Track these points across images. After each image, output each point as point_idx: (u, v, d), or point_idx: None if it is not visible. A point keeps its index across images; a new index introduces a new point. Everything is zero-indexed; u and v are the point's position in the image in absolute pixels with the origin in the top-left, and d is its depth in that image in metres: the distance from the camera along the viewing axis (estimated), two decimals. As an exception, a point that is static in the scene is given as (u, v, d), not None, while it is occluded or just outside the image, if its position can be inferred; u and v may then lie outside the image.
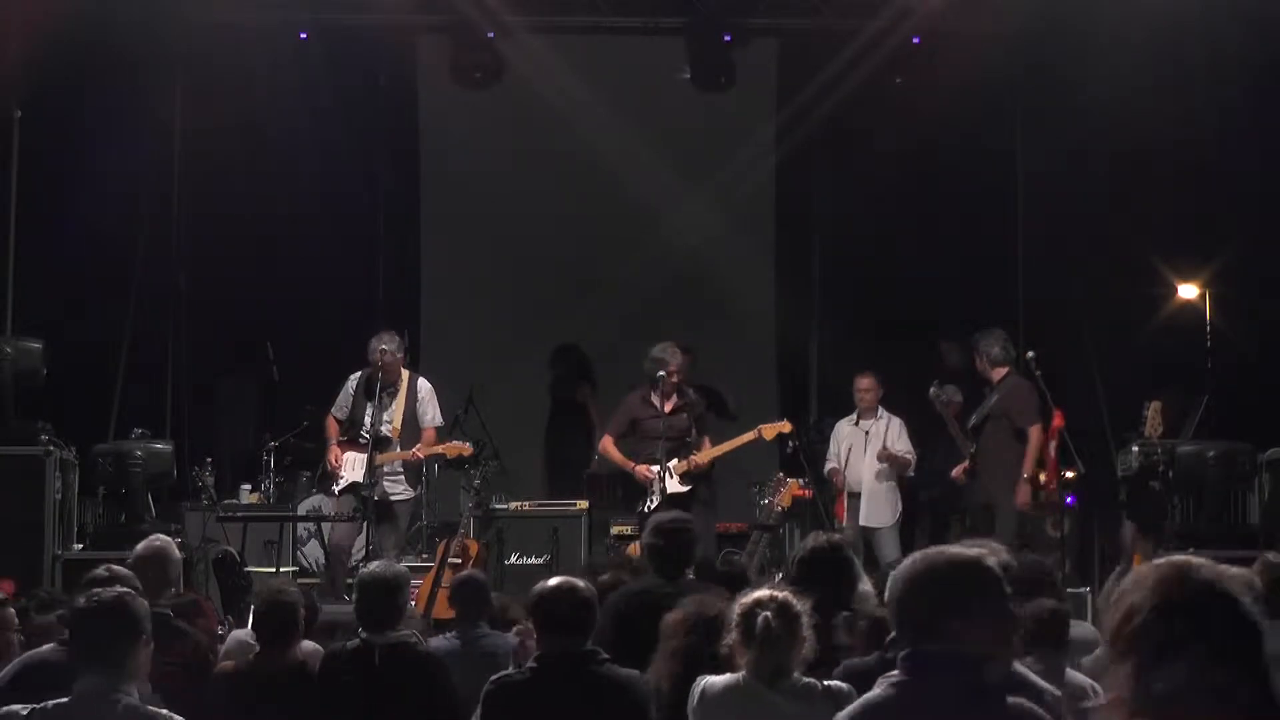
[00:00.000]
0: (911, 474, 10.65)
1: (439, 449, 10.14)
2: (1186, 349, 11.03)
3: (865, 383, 10.65)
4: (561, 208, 13.23)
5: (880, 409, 10.62)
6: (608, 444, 9.99)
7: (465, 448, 10.23)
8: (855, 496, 10.52)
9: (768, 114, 13.33)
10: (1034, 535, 9.93)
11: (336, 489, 9.96)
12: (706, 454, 9.80)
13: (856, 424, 10.68)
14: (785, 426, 10.05)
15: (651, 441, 9.84)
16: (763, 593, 4.47)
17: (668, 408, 9.86)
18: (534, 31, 12.69)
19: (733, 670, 4.45)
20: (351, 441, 9.99)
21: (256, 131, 12.51)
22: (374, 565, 6.00)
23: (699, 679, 4.50)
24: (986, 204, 12.69)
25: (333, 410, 10.18)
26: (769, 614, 4.36)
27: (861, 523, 10.44)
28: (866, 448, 10.57)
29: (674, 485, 9.72)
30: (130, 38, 11.35)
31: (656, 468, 9.70)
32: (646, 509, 9.59)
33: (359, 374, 10.15)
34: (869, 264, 13.01)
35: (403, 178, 13.33)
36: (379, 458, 9.83)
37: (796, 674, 4.40)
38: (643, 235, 13.07)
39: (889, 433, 10.52)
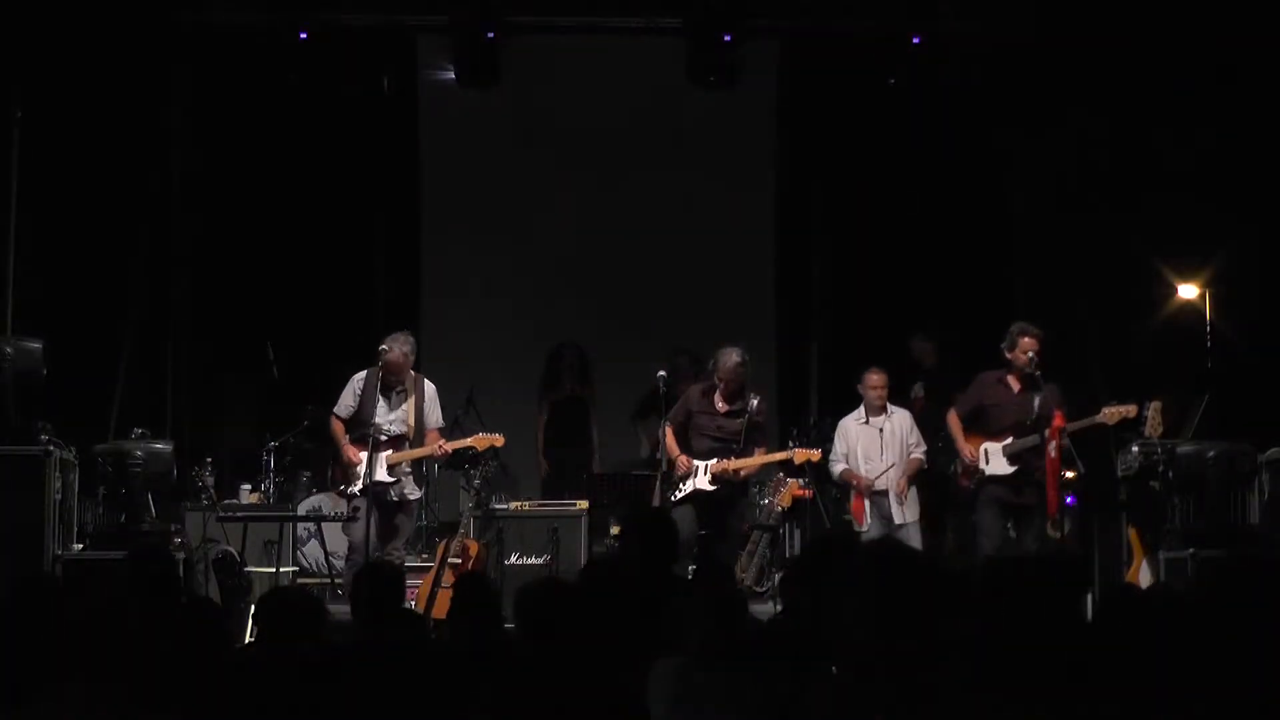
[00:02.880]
0: (925, 467, 10.47)
1: (469, 442, 10.16)
2: (1186, 349, 11.02)
3: (876, 379, 10.44)
4: (561, 207, 13.23)
5: (888, 404, 10.45)
6: (668, 431, 9.99)
7: (497, 439, 10.21)
8: (878, 494, 10.33)
9: (768, 114, 13.33)
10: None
11: (356, 488, 9.91)
12: (740, 462, 9.82)
13: (866, 422, 10.45)
14: (815, 455, 10.07)
15: (700, 436, 9.91)
16: None
17: (723, 408, 9.91)
18: (534, 31, 12.71)
19: None
20: (361, 440, 9.97)
21: (256, 132, 12.54)
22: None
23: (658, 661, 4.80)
24: (986, 204, 12.70)
25: (336, 410, 10.08)
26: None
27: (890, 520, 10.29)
28: (883, 446, 10.35)
29: (703, 482, 9.79)
30: (130, 37, 11.36)
31: (699, 462, 9.81)
32: (673, 498, 9.79)
33: (364, 373, 10.12)
34: (869, 264, 13.02)
35: (403, 178, 13.33)
36: (406, 454, 9.90)
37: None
38: (643, 235, 13.09)
39: (903, 429, 10.35)
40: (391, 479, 9.89)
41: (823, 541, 5.50)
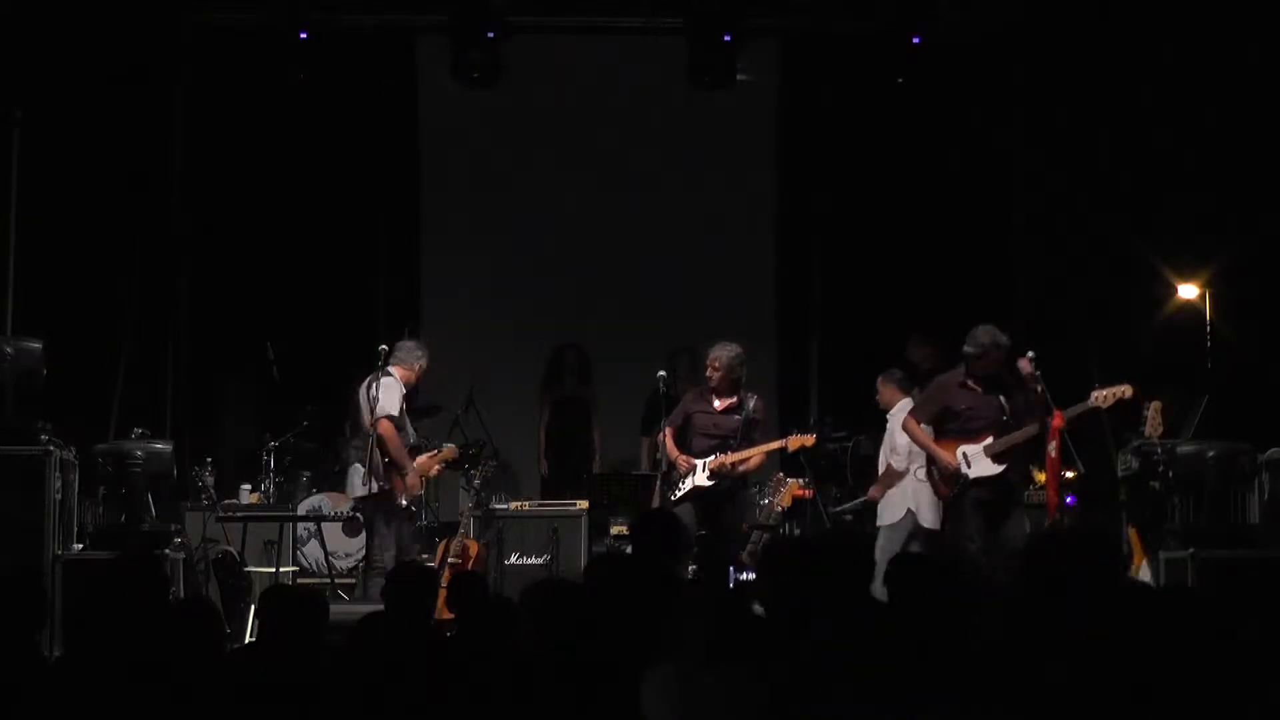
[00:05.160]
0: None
1: (445, 454, 10.28)
2: (1186, 349, 11.02)
3: (878, 382, 10.45)
4: (561, 207, 13.23)
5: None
6: (667, 435, 9.96)
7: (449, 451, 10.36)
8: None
9: (768, 114, 13.34)
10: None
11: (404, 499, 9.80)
12: (737, 455, 9.80)
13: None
14: (809, 440, 10.04)
15: (698, 436, 9.91)
16: None
17: (719, 406, 9.92)
18: (534, 31, 12.71)
19: None
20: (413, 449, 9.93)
21: (256, 131, 12.54)
22: None
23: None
24: (986, 204, 12.70)
25: (392, 412, 9.65)
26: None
27: (877, 522, 10.23)
28: (881, 445, 10.37)
29: (701, 479, 9.79)
30: (130, 38, 11.37)
31: (697, 460, 9.80)
32: (673, 497, 9.78)
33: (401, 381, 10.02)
34: (869, 264, 13.02)
35: (403, 178, 13.33)
36: (432, 463, 10.04)
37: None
38: (643, 235, 13.08)
39: (891, 433, 10.36)
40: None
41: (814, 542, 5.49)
